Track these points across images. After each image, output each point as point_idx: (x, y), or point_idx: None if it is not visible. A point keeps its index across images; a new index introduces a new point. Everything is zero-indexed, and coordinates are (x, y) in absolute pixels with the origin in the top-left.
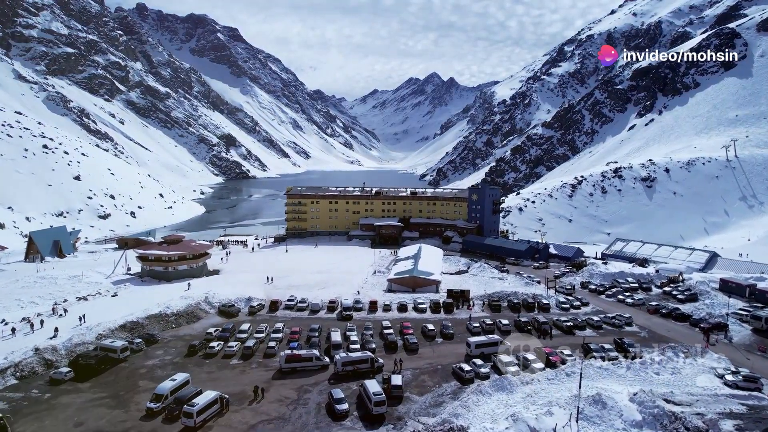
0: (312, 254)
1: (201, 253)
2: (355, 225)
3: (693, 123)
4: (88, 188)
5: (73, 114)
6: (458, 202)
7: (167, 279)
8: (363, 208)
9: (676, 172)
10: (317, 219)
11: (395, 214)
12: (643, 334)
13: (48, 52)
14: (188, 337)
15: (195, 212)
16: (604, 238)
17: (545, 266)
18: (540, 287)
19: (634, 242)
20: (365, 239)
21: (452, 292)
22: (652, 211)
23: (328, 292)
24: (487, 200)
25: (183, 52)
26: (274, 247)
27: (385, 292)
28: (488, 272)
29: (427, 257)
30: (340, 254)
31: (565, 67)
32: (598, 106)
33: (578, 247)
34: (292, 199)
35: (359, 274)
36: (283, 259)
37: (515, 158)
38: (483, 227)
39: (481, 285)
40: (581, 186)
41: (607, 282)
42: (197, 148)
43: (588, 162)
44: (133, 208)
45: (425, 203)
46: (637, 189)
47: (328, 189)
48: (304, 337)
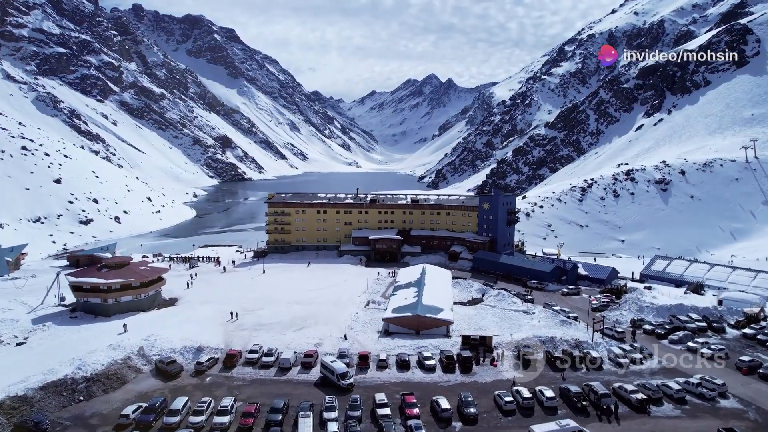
0: (293, 275)
1: (152, 279)
2: (347, 238)
3: (706, 122)
4: (69, 192)
5: (64, 115)
6: (467, 212)
7: (106, 314)
8: (356, 218)
9: (692, 174)
10: (303, 231)
11: (393, 226)
12: (753, 416)
13: (39, 51)
14: (96, 420)
15: (185, 216)
16: (618, 246)
17: (576, 292)
18: (580, 327)
19: (679, 261)
20: (358, 255)
21: (469, 339)
22: (668, 217)
23: (305, 336)
24: (501, 210)
25: (179, 53)
26: (250, 266)
27: (381, 335)
28: (509, 302)
29: (433, 284)
30: (326, 276)
31: (566, 66)
32: (603, 106)
33: (612, 267)
34: (273, 207)
35: (348, 307)
36: (257, 283)
37: (517, 160)
38: (496, 241)
39: (503, 322)
40: (592, 189)
41: (663, 317)
42: (192, 149)
43: (594, 163)
44: (118, 213)
45: (428, 213)
46: (651, 192)
47: (316, 196)
48: (261, 422)
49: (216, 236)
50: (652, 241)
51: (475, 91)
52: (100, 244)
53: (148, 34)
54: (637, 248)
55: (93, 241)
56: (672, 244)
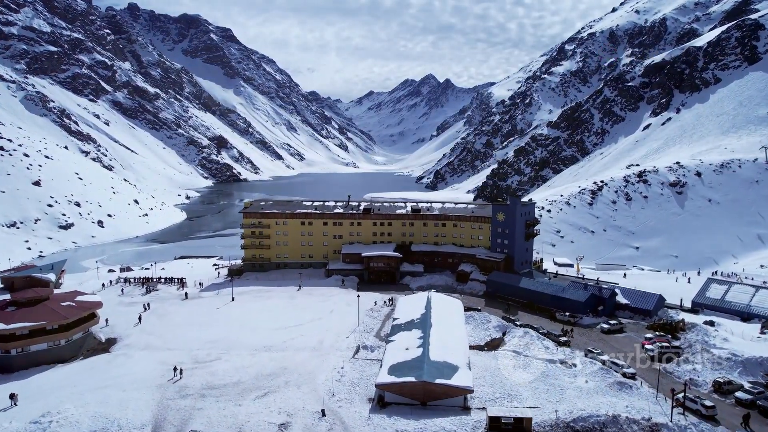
0: (268, 305)
1: (77, 319)
2: (337, 254)
3: (718, 121)
4: (49, 194)
5: (53, 114)
6: (477, 224)
7: (8, 369)
8: (347, 231)
9: (708, 175)
10: (285, 246)
11: (391, 239)
12: None
13: (29, 50)
14: None
15: (174, 219)
16: (633, 253)
17: (619, 328)
18: (644, 392)
19: (740, 286)
20: (350, 275)
21: (500, 423)
22: (685, 222)
23: (269, 409)
24: (519, 221)
25: (175, 52)
26: (218, 290)
27: (373, 408)
28: (539, 346)
29: (442, 322)
30: (309, 305)
31: (566, 65)
32: (608, 105)
33: (659, 295)
34: (250, 218)
35: (331, 356)
36: (222, 315)
37: (519, 160)
38: (513, 259)
39: (537, 382)
40: (602, 192)
41: (756, 375)
42: (186, 150)
43: (600, 164)
44: (102, 217)
45: (432, 224)
46: (665, 195)
47: (301, 204)
48: None
49: (205, 241)
50: (669, 248)
51: (473, 91)
52: (53, 259)
53: (144, 34)
54: (653, 255)
55: (73, 247)
56: (690, 251)
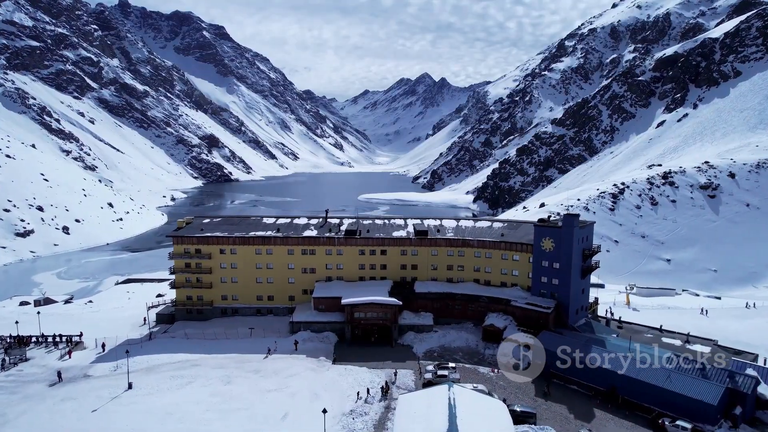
0: (185, 395)
1: None
2: (307, 295)
3: (743, 117)
4: (6, 198)
5: (33, 112)
6: (511, 252)
7: None
8: (322, 261)
9: (743, 177)
10: (234, 284)
11: (386, 274)
12: None
13: (9, 44)
14: None
15: (153, 224)
16: (664, 267)
17: None
18: None
19: None
20: (324, 331)
21: None
22: (721, 230)
23: None
24: (576, 251)
25: (167, 50)
26: (117, 363)
27: None
28: None
29: None
30: (250, 399)
31: (567, 62)
32: (617, 101)
33: None
34: (183, 244)
35: None
36: (100, 426)
37: (521, 160)
38: (567, 307)
39: None
40: (624, 196)
41: None
42: (175, 149)
43: (611, 164)
44: (68, 222)
45: (444, 252)
46: (696, 200)
47: (260, 222)
48: None
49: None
50: (706, 261)
51: (468, 90)
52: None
53: (135, 31)
54: (688, 270)
55: (31, 257)
56: (731, 264)
